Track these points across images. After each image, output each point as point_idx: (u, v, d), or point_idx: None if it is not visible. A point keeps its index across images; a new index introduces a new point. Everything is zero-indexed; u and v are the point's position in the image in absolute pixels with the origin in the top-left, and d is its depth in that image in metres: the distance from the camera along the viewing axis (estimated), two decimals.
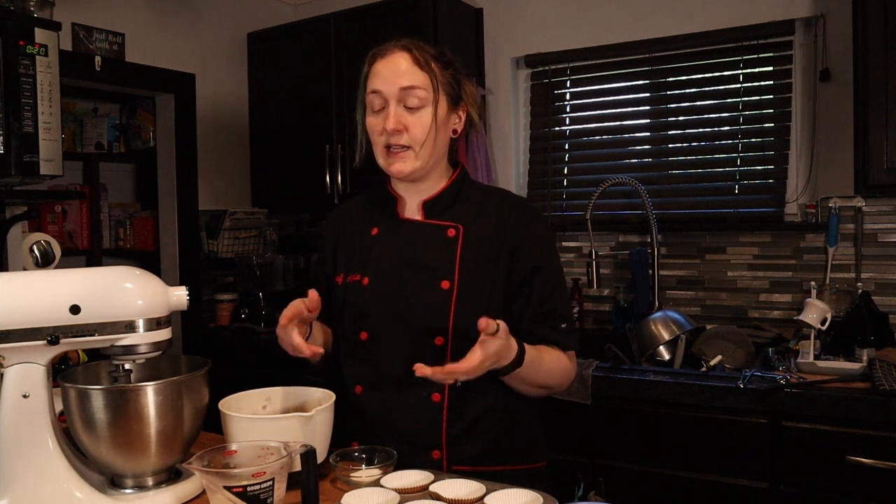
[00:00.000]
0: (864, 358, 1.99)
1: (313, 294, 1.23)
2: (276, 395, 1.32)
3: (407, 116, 1.31)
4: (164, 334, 1.15)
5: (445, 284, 1.31)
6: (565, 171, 3.02)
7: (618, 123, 2.90)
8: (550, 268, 1.38)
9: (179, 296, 1.16)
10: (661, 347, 2.36)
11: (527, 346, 1.26)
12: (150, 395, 1.11)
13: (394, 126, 1.30)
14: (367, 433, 1.32)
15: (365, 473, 1.17)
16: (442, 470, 1.26)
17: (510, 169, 3.12)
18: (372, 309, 1.36)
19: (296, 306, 1.23)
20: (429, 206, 1.40)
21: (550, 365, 1.33)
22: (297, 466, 1.01)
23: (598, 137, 2.93)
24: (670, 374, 2.09)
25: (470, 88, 1.42)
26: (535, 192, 3.06)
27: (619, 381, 2.08)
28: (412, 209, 1.42)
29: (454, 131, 1.41)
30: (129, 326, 1.11)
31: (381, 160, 1.36)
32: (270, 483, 0.97)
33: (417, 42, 1.37)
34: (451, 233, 1.36)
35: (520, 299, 1.35)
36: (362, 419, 1.35)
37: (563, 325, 1.36)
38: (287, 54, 3.26)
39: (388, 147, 1.33)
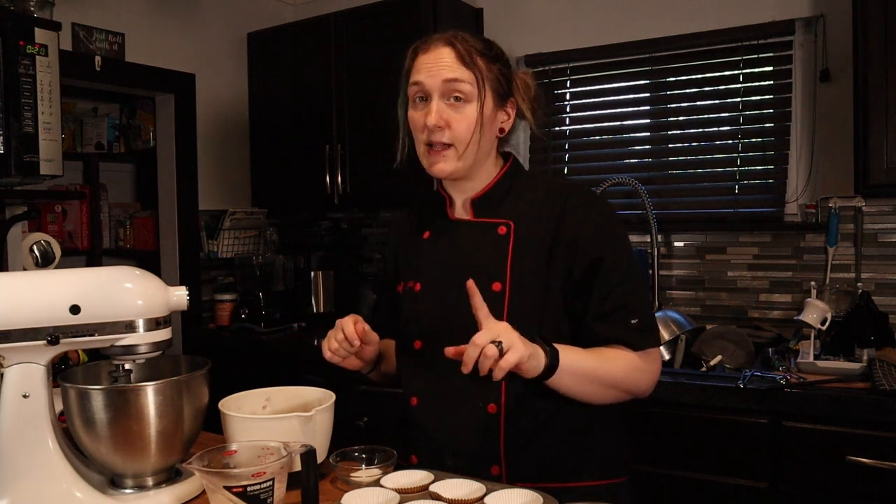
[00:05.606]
0: (864, 358, 1.99)
1: (350, 331, 1.24)
2: (276, 395, 1.32)
3: (450, 112, 1.22)
4: (164, 334, 1.15)
5: (497, 286, 1.22)
6: (565, 171, 3.02)
7: (618, 123, 2.90)
8: (614, 258, 1.22)
9: (179, 296, 1.16)
10: (661, 347, 2.35)
11: (564, 348, 1.14)
12: (150, 395, 1.11)
13: (435, 121, 1.21)
14: (424, 447, 1.27)
15: (365, 473, 1.17)
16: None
17: None
18: (424, 316, 1.29)
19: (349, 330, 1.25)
20: (478, 204, 1.30)
21: (603, 367, 1.18)
22: (297, 466, 1.01)
23: (598, 137, 2.93)
24: (670, 374, 2.09)
25: (522, 80, 1.33)
26: None
27: None
28: (461, 208, 1.32)
29: (501, 130, 1.31)
30: (129, 326, 1.11)
31: (423, 159, 1.27)
32: (270, 483, 0.97)
33: (462, 35, 1.26)
34: (502, 230, 1.26)
35: (582, 296, 1.22)
36: (420, 432, 1.28)
37: (633, 321, 1.21)
38: (287, 54, 3.26)
39: (429, 145, 1.24)
